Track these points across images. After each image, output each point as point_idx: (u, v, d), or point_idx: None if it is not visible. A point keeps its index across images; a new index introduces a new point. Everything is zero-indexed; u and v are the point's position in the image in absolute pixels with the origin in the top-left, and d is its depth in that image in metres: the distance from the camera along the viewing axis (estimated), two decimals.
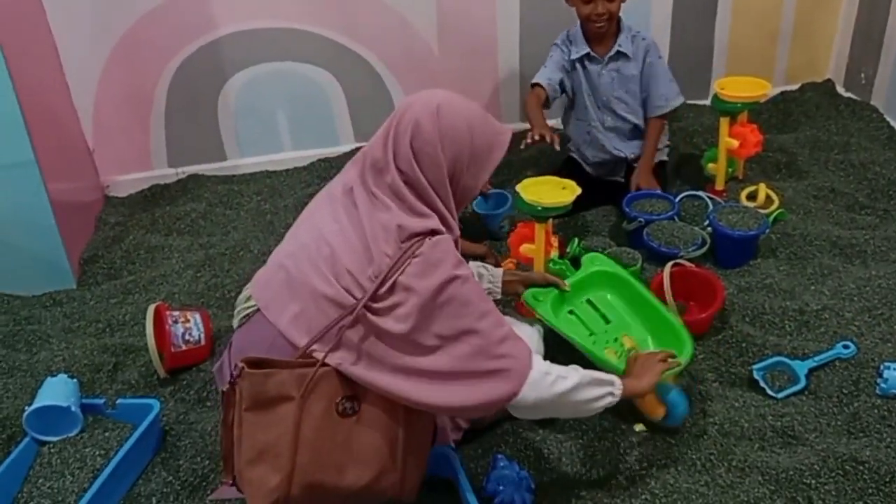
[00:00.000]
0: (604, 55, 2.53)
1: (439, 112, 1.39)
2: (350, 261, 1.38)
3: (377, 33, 2.84)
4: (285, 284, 1.44)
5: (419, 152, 1.39)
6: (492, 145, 1.44)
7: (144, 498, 1.64)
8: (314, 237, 1.44)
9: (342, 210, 1.44)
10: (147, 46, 2.69)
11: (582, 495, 1.60)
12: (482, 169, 1.44)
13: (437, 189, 1.41)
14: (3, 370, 2.00)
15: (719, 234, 2.23)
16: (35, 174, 2.18)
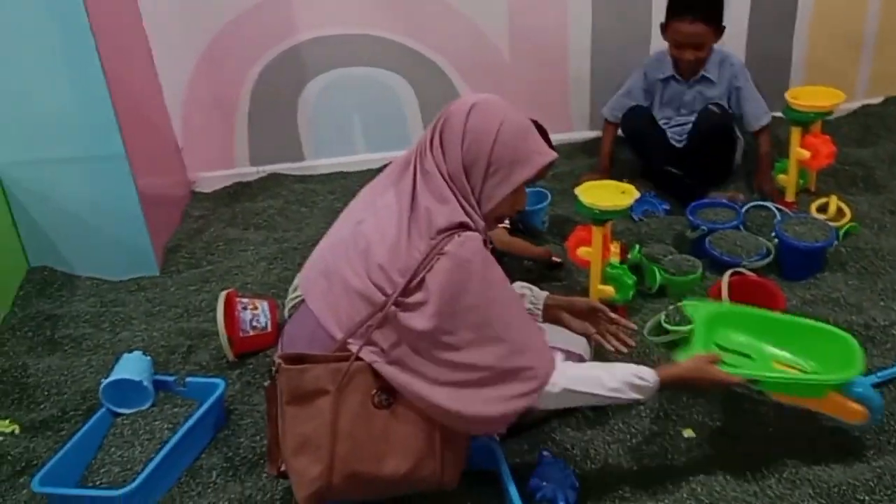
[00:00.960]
0: (689, 78, 2.61)
1: (471, 111, 1.41)
2: (382, 255, 1.39)
3: (449, 39, 2.87)
4: (324, 276, 1.47)
5: (445, 143, 1.41)
6: (519, 160, 1.42)
7: (206, 471, 1.70)
8: (352, 230, 1.47)
9: (385, 202, 1.46)
10: (232, 52, 2.80)
11: (626, 497, 1.57)
12: (504, 181, 1.42)
13: (454, 182, 1.41)
14: (88, 347, 2.12)
15: (785, 245, 2.17)
16: (125, 167, 2.29)
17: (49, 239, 2.39)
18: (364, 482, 1.42)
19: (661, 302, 2.12)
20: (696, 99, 2.63)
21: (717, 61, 2.59)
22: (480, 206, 1.44)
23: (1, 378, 1.98)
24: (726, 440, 1.67)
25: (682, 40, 2.50)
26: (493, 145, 1.40)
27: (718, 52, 2.59)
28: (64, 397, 1.93)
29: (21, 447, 1.79)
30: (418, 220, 1.40)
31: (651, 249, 2.28)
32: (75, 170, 2.29)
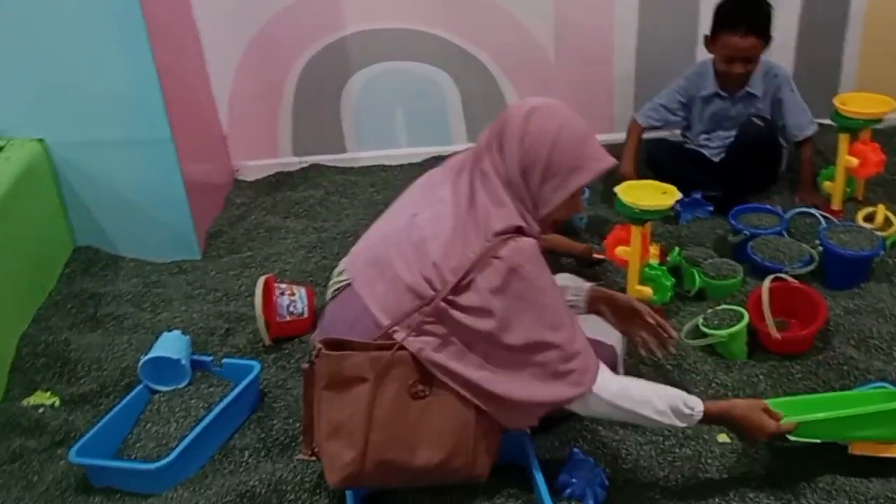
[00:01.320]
0: (733, 94, 2.54)
1: (530, 115, 1.41)
2: (436, 251, 1.40)
3: (494, 37, 2.87)
4: (374, 263, 1.48)
5: (504, 146, 1.41)
6: (577, 166, 1.41)
7: (238, 450, 1.72)
8: (407, 222, 1.47)
9: (441, 197, 1.47)
10: (279, 42, 2.82)
11: (656, 499, 1.55)
12: (561, 187, 1.41)
13: (511, 185, 1.41)
14: (129, 326, 2.16)
15: (829, 253, 2.12)
16: (171, 151, 2.32)
17: (95, 219, 2.44)
18: (396, 470, 1.42)
19: (700, 305, 2.09)
20: (740, 115, 2.55)
21: (762, 73, 2.52)
22: (537, 210, 1.44)
23: (44, 352, 2.02)
24: (761, 447, 1.63)
25: (733, 54, 2.43)
26: (553, 149, 1.39)
27: (764, 62, 2.52)
28: (104, 373, 1.96)
29: (60, 419, 1.83)
30: (475, 220, 1.40)
31: (691, 252, 2.26)
32: (123, 152, 2.33)
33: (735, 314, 1.92)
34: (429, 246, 1.41)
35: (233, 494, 1.57)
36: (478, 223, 1.40)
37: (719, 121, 2.60)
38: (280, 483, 1.59)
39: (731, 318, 1.92)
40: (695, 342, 1.94)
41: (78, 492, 1.66)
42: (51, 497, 1.65)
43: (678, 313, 2.09)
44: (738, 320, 1.89)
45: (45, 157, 2.31)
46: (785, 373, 1.85)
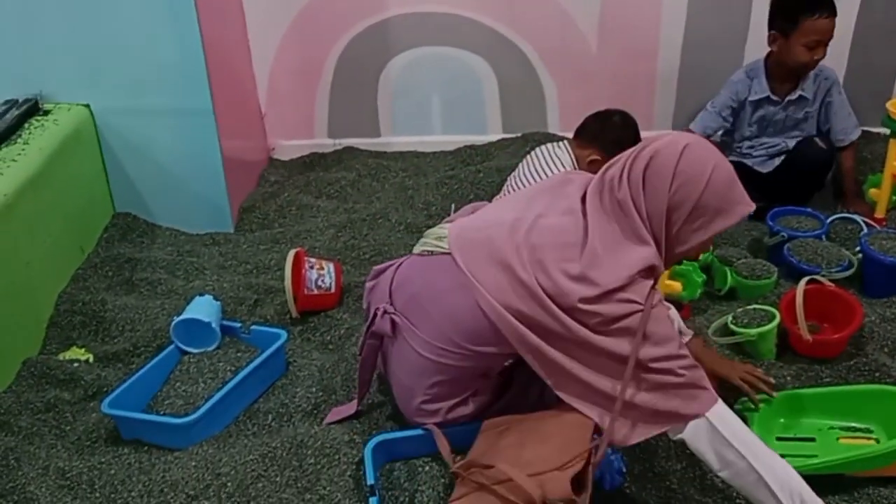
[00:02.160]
0: (783, 97, 2.54)
1: (684, 151, 1.40)
2: (553, 256, 1.43)
3: (537, 26, 2.91)
4: (482, 246, 1.50)
5: (648, 181, 1.41)
6: (723, 210, 1.40)
7: (262, 414, 1.82)
8: (532, 221, 1.49)
9: (571, 208, 1.49)
10: (322, 21, 2.91)
11: (673, 489, 1.60)
12: (703, 228, 1.41)
13: (653, 223, 1.42)
14: (163, 292, 2.28)
15: (869, 259, 2.11)
16: (211, 124, 2.44)
17: (135, 187, 2.57)
18: None
19: (729, 305, 2.12)
20: (787, 118, 2.56)
21: (812, 75, 2.53)
22: (670, 249, 1.45)
23: (81, 310, 2.16)
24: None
25: (819, 38, 2.40)
26: (704, 191, 1.39)
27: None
28: (137, 333, 2.09)
29: (93, 374, 1.95)
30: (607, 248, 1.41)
31: (725, 252, 2.28)
32: (166, 121, 2.46)
33: (766, 314, 1.93)
34: (548, 254, 1.43)
35: (255, 454, 1.66)
36: (617, 255, 1.41)
37: (765, 126, 2.59)
38: (300, 447, 1.68)
39: (761, 317, 1.93)
40: (723, 340, 1.97)
41: (108, 443, 1.77)
42: (81, 446, 1.77)
43: (706, 311, 2.12)
44: (769, 320, 1.90)
45: (91, 122, 2.44)
46: (814, 376, 1.86)
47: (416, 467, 1.65)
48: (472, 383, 1.60)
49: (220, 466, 1.65)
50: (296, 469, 1.64)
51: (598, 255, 1.41)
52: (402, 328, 1.58)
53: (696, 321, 2.07)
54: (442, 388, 1.58)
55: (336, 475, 1.62)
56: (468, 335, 1.50)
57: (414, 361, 1.57)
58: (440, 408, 1.60)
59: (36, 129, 2.29)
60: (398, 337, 1.60)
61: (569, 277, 1.40)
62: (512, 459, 1.42)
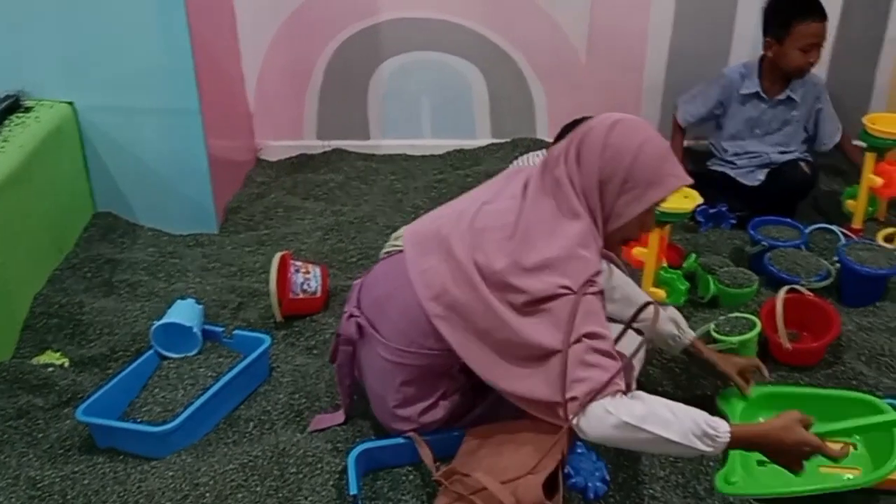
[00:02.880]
0: (773, 97, 2.53)
1: (613, 127, 1.40)
2: (492, 236, 1.41)
3: (528, 35, 2.86)
4: (431, 239, 1.49)
5: (582, 156, 1.40)
6: (655, 182, 1.40)
7: (244, 421, 1.72)
8: (477, 207, 1.48)
9: (514, 193, 1.48)
10: (313, 24, 2.83)
11: (656, 497, 1.54)
12: (637, 200, 1.40)
13: (588, 197, 1.40)
14: (142, 294, 2.17)
15: (846, 269, 2.10)
16: (198, 123, 2.34)
17: (117, 186, 2.45)
18: None
19: (712, 312, 2.08)
20: (773, 120, 2.55)
21: (802, 81, 2.52)
22: (608, 223, 1.43)
23: (57, 312, 2.04)
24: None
25: (813, 41, 2.42)
26: (634, 162, 1.38)
27: None
28: (115, 337, 1.97)
29: (69, 379, 1.84)
30: (543, 223, 1.40)
31: (708, 260, 2.24)
32: (151, 120, 2.35)
33: (747, 322, 1.91)
34: (488, 235, 1.42)
35: (235, 463, 1.57)
36: (550, 228, 1.39)
37: (752, 126, 2.57)
38: (282, 455, 1.59)
39: (742, 325, 1.90)
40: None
41: (82, 451, 1.66)
42: (54, 454, 1.66)
43: (690, 319, 2.05)
44: (750, 328, 1.88)
45: (73, 120, 2.32)
46: (793, 383, 1.84)
47: (400, 476, 1.58)
48: (437, 384, 1.54)
49: (198, 476, 1.55)
50: (277, 479, 1.55)
51: (531, 229, 1.40)
52: (366, 332, 1.55)
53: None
54: (408, 390, 1.54)
55: (318, 485, 1.54)
56: (420, 333, 1.47)
57: (379, 365, 1.55)
58: (411, 412, 1.55)
59: (17, 126, 2.17)
60: (365, 341, 1.57)
61: (503, 253, 1.39)
62: (490, 467, 1.39)
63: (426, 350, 1.48)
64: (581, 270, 1.36)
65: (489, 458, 1.42)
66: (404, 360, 1.51)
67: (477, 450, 1.47)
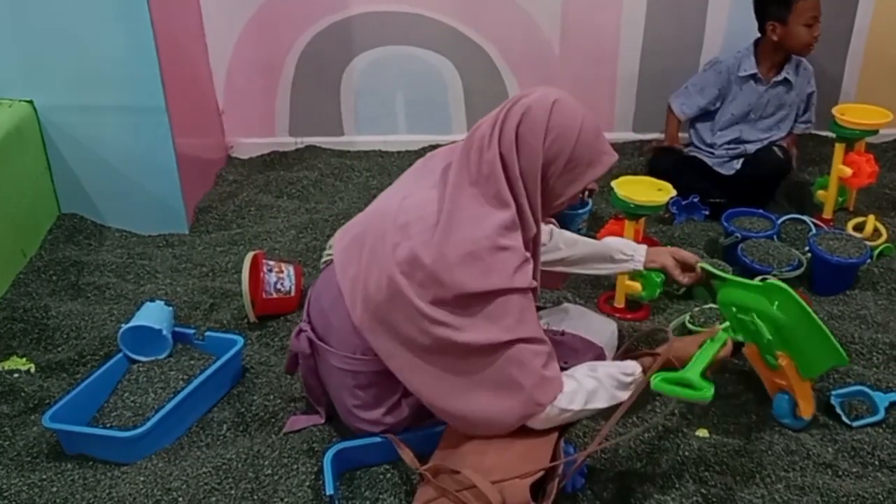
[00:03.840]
0: (769, 79, 2.56)
1: (554, 107, 1.36)
2: (415, 231, 1.37)
3: (501, 28, 2.85)
4: (357, 243, 1.47)
5: (521, 138, 1.36)
6: (593, 160, 1.40)
7: (217, 423, 1.69)
8: (398, 204, 1.44)
9: (434, 182, 1.43)
10: (283, 17, 2.79)
11: (633, 489, 1.54)
12: (576, 179, 1.40)
13: (526, 180, 1.37)
14: (111, 296, 2.13)
15: (817, 259, 2.12)
16: (164, 121, 2.29)
17: (82, 187, 2.40)
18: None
19: (687, 304, 2.09)
20: (769, 103, 2.56)
21: (794, 63, 2.56)
22: (546, 204, 1.41)
23: (22, 317, 1.99)
24: (739, 443, 1.63)
25: (814, 14, 2.44)
26: (576, 143, 1.37)
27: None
28: (82, 342, 1.93)
29: (35, 385, 1.80)
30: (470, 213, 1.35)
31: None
32: (115, 119, 2.30)
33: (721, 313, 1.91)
34: (412, 230, 1.38)
35: (208, 466, 1.54)
36: (475, 218, 1.35)
37: (748, 111, 2.57)
38: (257, 457, 1.57)
39: (717, 317, 1.93)
40: None
41: (50, 458, 1.62)
42: (21, 462, 1.62)
43: (665, 311, 2.09)
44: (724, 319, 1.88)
45: (34, 119, 2.27)
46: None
47: (377, 475, 1.57)
48: (395, 385, 1.52)
49: (170, 481, 1.52)
50: (252, 481, 1.53)
51: (453, 220, 1.35)
52: (316, 344, 1.54)
53: (656, 320, 2.05)
54: (365, 394, 1.53)
55: (294, 486, 1.52)
56: (361, 340, 1.46)
57: (334, 373, 1.54)
58: (374, 415, 1.54)
59: None
60: (318, 352, 1.56)
61: (427, 247, 1.34)
62: (474, 465, 1.38)
63: (372, 356, 1.46)
64: (507, 262, 1.34)
65: (473, 457, 1.41)
66: (355, 368, 1.49)
67: (458, 447, 1.45)
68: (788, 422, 1.65)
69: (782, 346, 1.59)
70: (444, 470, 1.40)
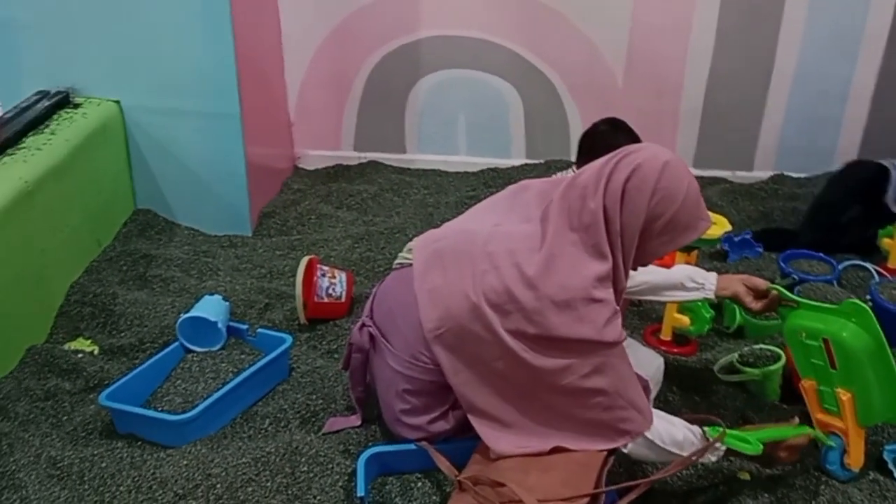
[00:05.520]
0: None
1: (665, 168, 1.37)
2: (508, 262, 1.39)
3: (566, 56, 2.87)
4: (439, 256, 1.48)
5: (628, 194, 1.36)
6: (690, 225, 1.40)
7: (260, 417, 1.75)
8: (489, 230, 1.46)
9: (530, 216, 1.46)
10: (356, 38, 2.88)
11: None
12: (671, 241, 1.40)
13: (625, 236, 1.37)
14: (174, 289, 2.22)
15: (878, 307, 2.03)
16: (237, 128, 2.39)
17: (158, 185, 2.53)
18: None
19: (737, 343, 2.05)
20: None
21: None
22: (638, 259, 1.42)
23: (91, 301, 2.10)
24: (782, 491, 1.58)
25: None
26: (680, 207, 1.37)
27: None
28: (144, 329, 2.02)
29: (96, 366, 1.89)
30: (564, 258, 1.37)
31: None
32: (192, 123, 2.41)
33: (773, 354, 1.87)
34: (503, 260, 1.39)
35: (248, 457, 1.59)
36: (573, 265, 1.36)
37: None
38: (295, 454, 1.60)
39: (767, 357, 1.87)
40: (728, 377, 1.89)
41: (102, 435, 1.70)
42: (76, 437, 1.70)
43: (714, 348, 2.05)
44: (775, 360, 1.84)
45: (119, 118, 2.40)
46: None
47: (409, 482, 1.58)
48: (446, 397, 1.53)
49: (211, 467, 1.57)
50: (288, 476, 1.57)
51: (553, 262, 1.37)
52: (377, 341, 1.56)
53: (703, 357, 2.01)
54: (416, 400, 1.53)
55: (328, 485, 1.56)
56: (425, 348, 1.46)
57: (388, 374, 1.55)
58: (419, 421, 1.55)
59: (64, 120, 2.25)
60: (376, 350, 1.58)
61: (521, 282, 1.36)
62: (515, 482, 1.37)
63: (432, 365, 1.47)
64: (599, 315, 1.35)
65: (513, 473, 1.40)
66: (412, 373, 1.50)
67: (496, 461, 1.44)
68: (836, 471, 1.59)
69: (846, 382, 1.54)
70: (485, 481, 1.39)
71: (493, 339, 1.38)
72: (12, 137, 2.10)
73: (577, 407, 1.40)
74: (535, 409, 1.43)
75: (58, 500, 1.52)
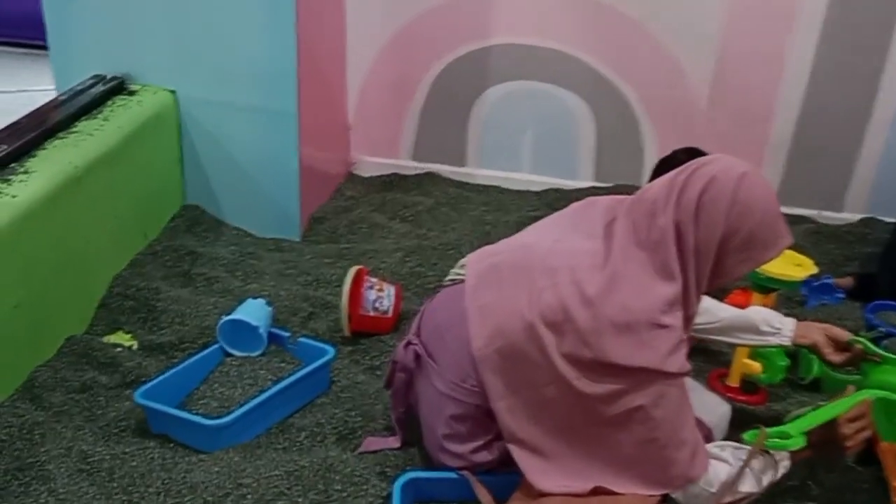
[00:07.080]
0: None
1: (742, 180, 1.35)
2: (568, 279, 1.40)
3: (646, 73, 2.87)
4: (495, 272, 1.50)
5: (703, 207, 1.35)
6: (769, 242, 1.38)
7: (296, 430, 1.80)
8: (549, 246, 1.47)
9: (594, 232, 1.46)
10: (422, 41, 2.93)
11: None
12: (749, 259, 1.38)
13: (699, 253, 1.36)
14: (218, 290, 2.30)
15: None
16: (293, 127, 2.47)
17: (208, 181, 2.62)
18: None
19: (812, 396, 2.01)
20: None
21: None
22: (714, 278, 1.40)
23: (133, 295, 2.20)
24: None
25: None
26: (760, 221, 1.36)
27: None
28: (185, 328, 2.10)
29: (134, 362, 1.97)
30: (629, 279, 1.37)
31: None
32: (248, 118, 2.50)
33: None
34: (563, 277, 1.40)
35: (281, 470, 1.64)
36: (638, 286, 1.36)
37: None
38: (329, 471, 1.64)
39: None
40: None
41: (135, 434, 1.78)
42: (109, 432, 1.78)
43: (786, 399, 2.02)
44: None
45: (174, 108, 2.50)
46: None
47: None
48: (490, 425, 1.53)
49: (242, 476, 1.63)
50: (320, 493, 1.61)
51: (617, 282, 1.36)
52: (423, 360, 1.58)
53: (773, 408, 1.98)
54: (461, 426, 1.54)
55: None
56: (474, 369, 1.47)
57: (432, 395, 1.57)
58: (462, 449, 1.56)
59: (119, 107, 2.36)
60: (421, 370, 1.60)
61: (580, 300, 1.37)
62: None
63: (479, 389, 1.48)
64: (663, 342, 1.34)
65: None
66: (458, 395, 1.51)
67: (541, 498, 1.45)
68: None
69: None
70: None
71: (546, 362, 1.39)
72: (64, 121, 2.20)
73: (626, 443, 1.40)
74: (581, 442, 1.44)
75: (85, 495, 1.59)
